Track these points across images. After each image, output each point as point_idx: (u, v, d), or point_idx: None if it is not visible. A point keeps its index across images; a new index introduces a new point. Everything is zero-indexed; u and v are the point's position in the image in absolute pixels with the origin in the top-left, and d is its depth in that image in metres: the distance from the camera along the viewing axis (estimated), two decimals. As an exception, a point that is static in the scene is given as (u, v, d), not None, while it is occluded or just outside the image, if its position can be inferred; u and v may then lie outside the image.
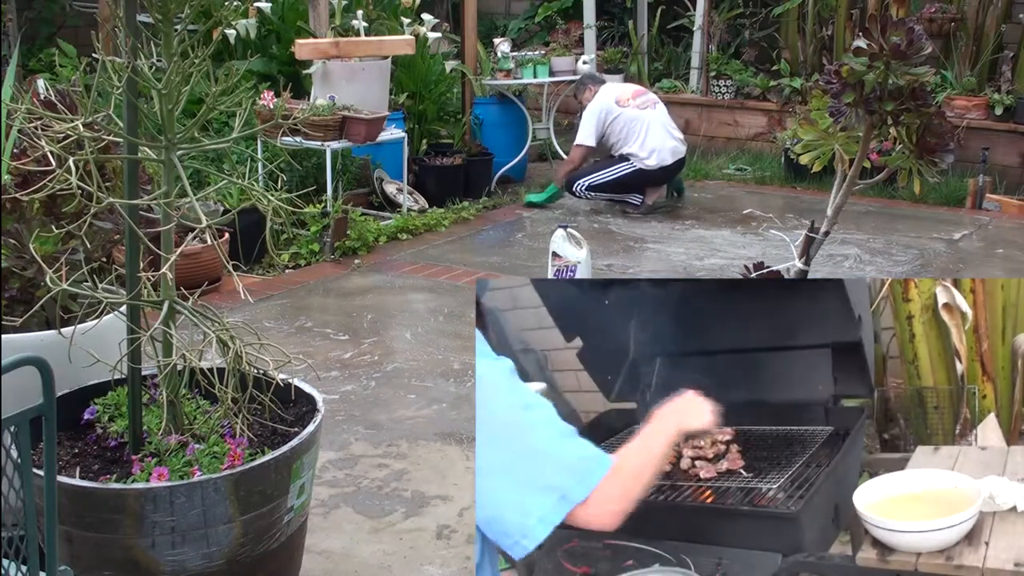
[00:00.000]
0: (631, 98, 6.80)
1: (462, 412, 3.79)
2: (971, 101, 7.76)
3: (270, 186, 4.46)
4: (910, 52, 2.26)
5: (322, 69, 6.18)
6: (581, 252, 4.91)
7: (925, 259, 5.95)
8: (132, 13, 2.15)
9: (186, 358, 2.19)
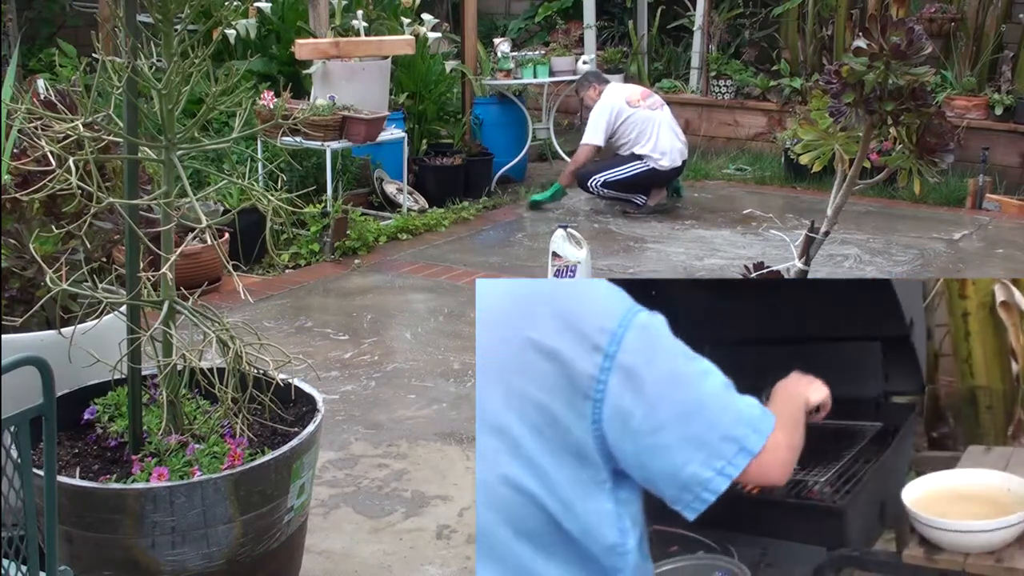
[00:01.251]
0: (641, 99, 6.80)
1: (462, 412, 3.79)
2: (971, 101, 7.76)
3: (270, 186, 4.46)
4: (910, 52, 2.26)
5: (322, 69, 6.19)
6: (581, 252, 4.91)
7: (925, 259, 5.95)
8: (132, 13, 2.15)
9: (186, 358, 2.19)
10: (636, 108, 6.73)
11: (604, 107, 6.76)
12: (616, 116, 6.72)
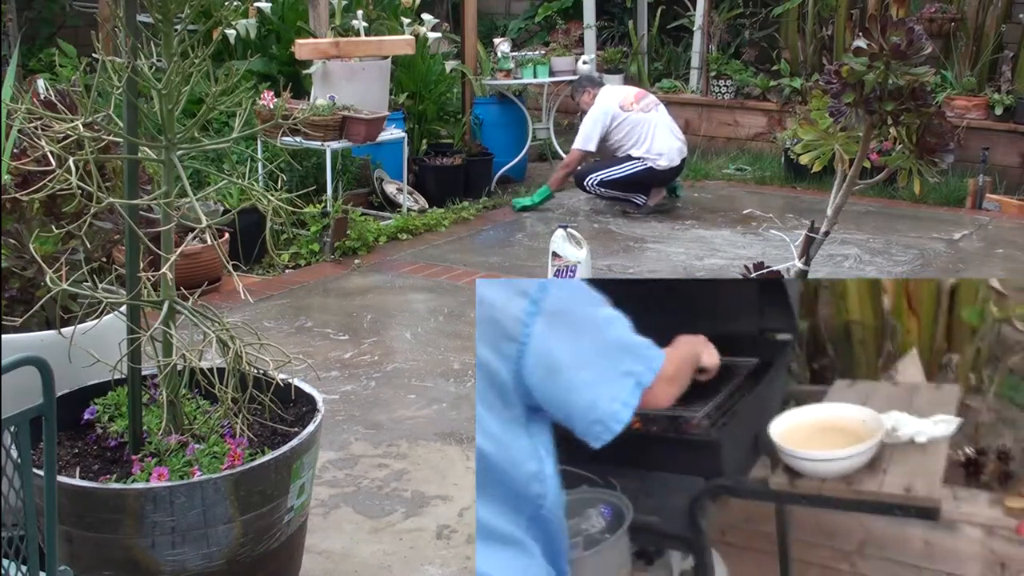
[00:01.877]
0: (634, 101, 6.79)
1: (462, 412, 3.79)
2: (971, 101, 7.76)
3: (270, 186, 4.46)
4: (910, 52, 2.26)
5: (322, 69, 6.19)
6: (581, 252, 4.91)
7: (925, 259, 5.95)
8: (132, 13, 2.15)
9: (186, 358, 2.19)
10: (629, 112, 6.73)
11: (597, 112, 6.74)
12: (610, 120, 6.71)
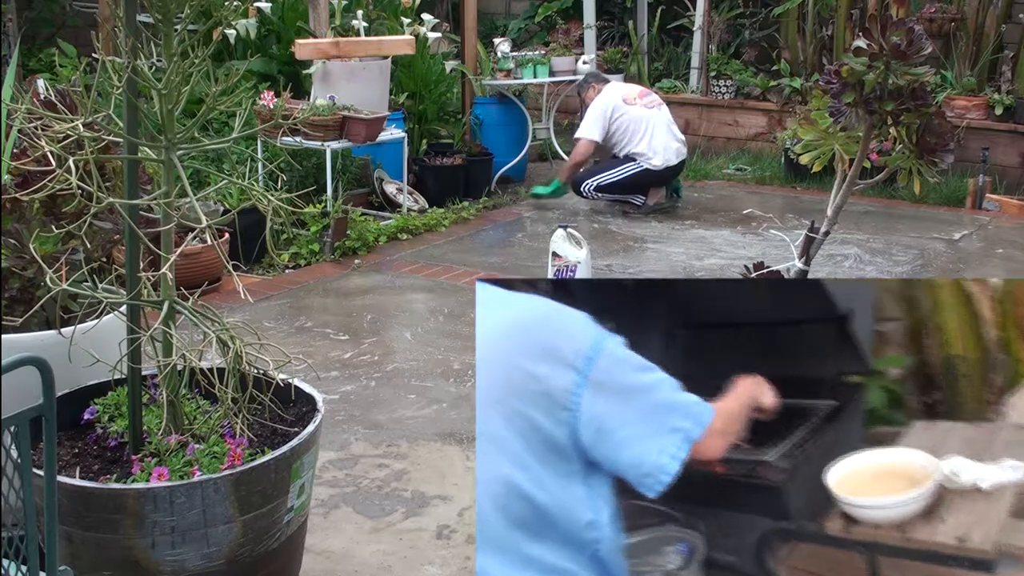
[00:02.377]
0: (638, 97, 6.81)
1: (462, 412, 3.79)
2: (971, 101, 7.76)
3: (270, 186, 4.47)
4: (910, 52, 2.26)
5: (322, 69, 6.19)
6: (581, 252, 4.91)
7: (925, 259, 5.96)
8: (132, 13, 2.15)
9: (186, 358, 2.19)
10: (631, 106, 6.74)
11: (600, 103, 6.77)
12: (612, 112, 6.72)
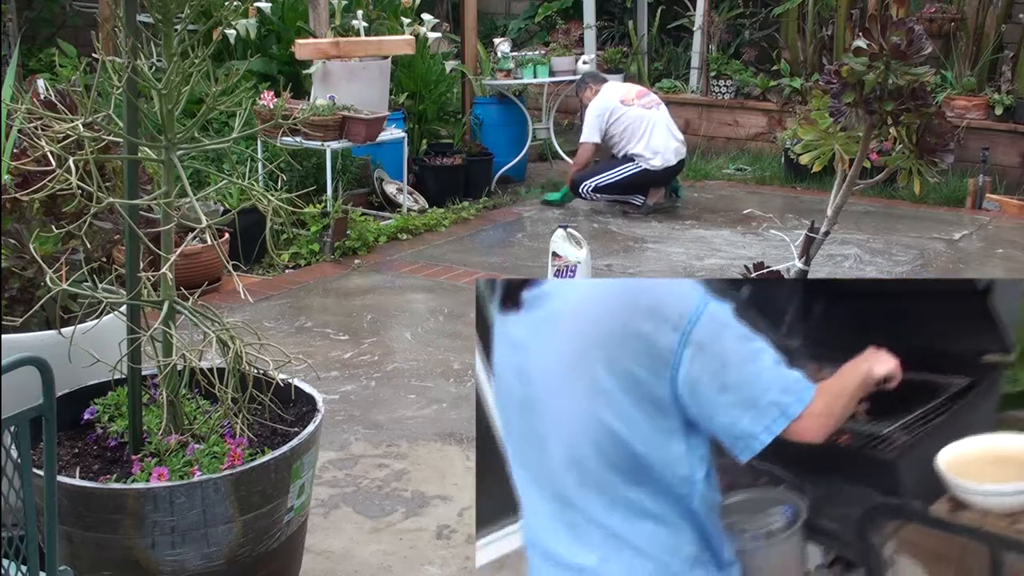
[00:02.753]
0: (635, 97, 6.81)
1: (462, 412, 3.79)
2: (971, 101, 7.76)
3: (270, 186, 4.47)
4: (910, 52, 2.26)
5: (322, 69, 6.18)
6: (581, 252, 4.91)
7: (925, 259, 5.96)
8: (132, 13, 2.15)
9: (186, 358, 2.19)
10: (629, 106, 6.74)
11: (598, 105, 6.77)
12: (610, 114, 6.73)
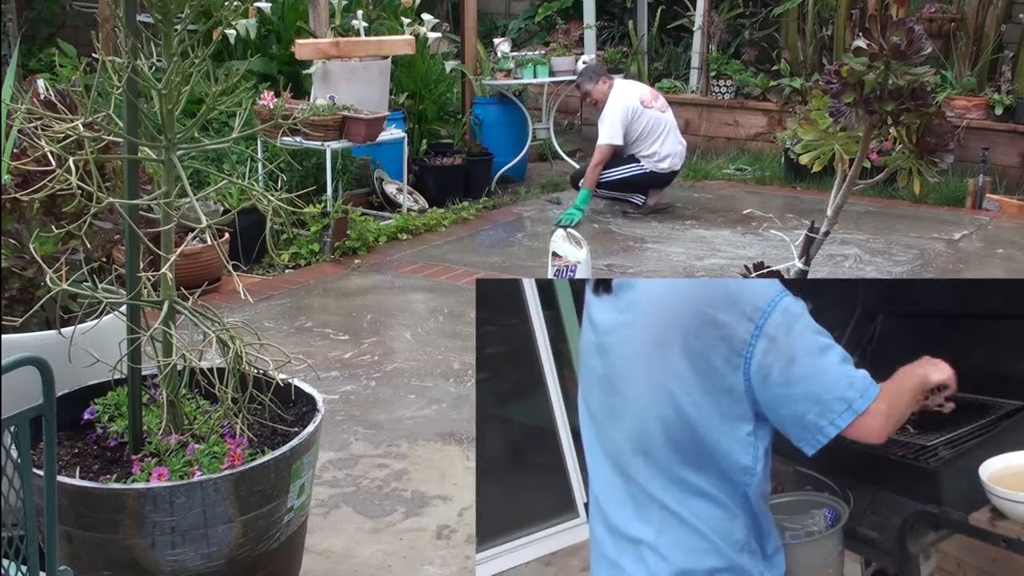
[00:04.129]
0: (652, 99, 6.77)
1: (462, 412, 3.79)
2: (971, 101, 7.76)
3: (270, 186, 4.46)
4: (910, 52, 2.26)
5: (322, 69, 6.19)
6: (581, 252, 4.90)
7: (925, 259, 5.96)
8: (132, 13, 2.15)
9: (186, 358, 2.19)
10: (649, 109, 6.71)
11: (619, 105, 6.64)
12: (633, 114, 6.65)
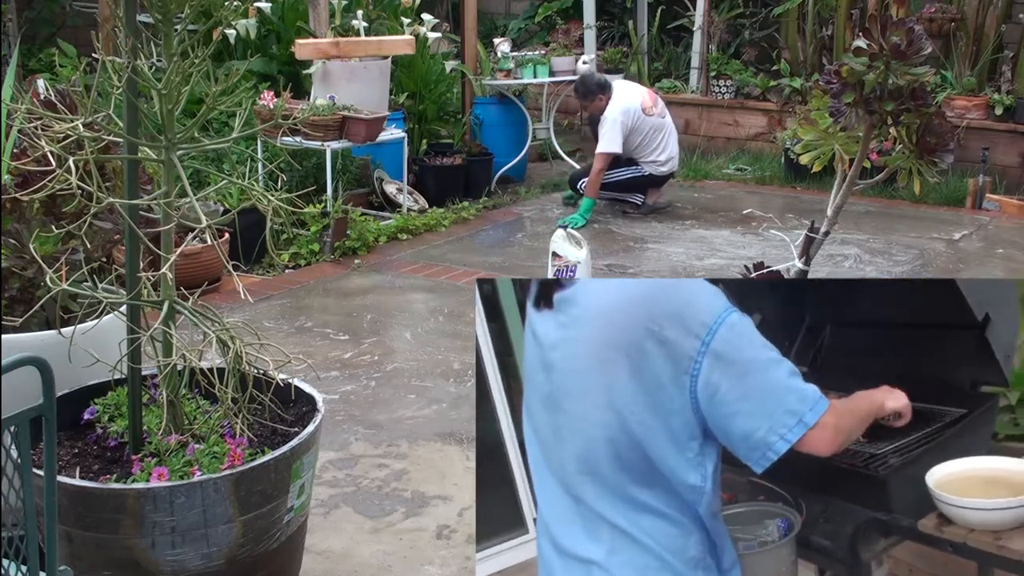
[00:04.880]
0: (652, 104, 6.76)
1: (462, 412, 3.79)
2: (971, 101, 7.76)
3: (270, 186, 4.46)
4: (910, 52, 2.26)
5: (322, 69, 6.19)
6: (581, 252, 4.90)
7: (925, 259, 5.96)
8: (132, 13, 2.15)
9: (186, 358, 2.19)
10: (650, 116, 6.71)
11: (619, 113, 6.61)
12: (634, 121, 6.65)
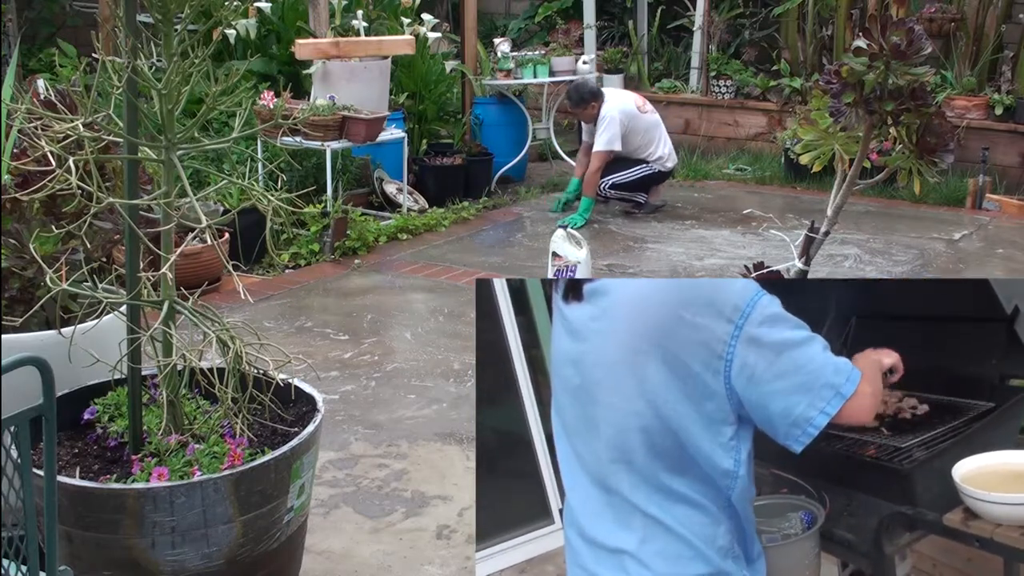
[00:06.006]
0: (643, 104, 6.84)
1: (462, 412, 3.79)
2: (971, 101, 7.76)
3: (270, 186, 4.46)
4: (910, 52, 2.26)
5: (322, 69, 6.19)
6: (581, 252, 4.90)
7: (925, 259, 5.96)
8: (132, 13, 2.15)
9: (186, 358, 2.19)
10: (644, 113, 6.76)
11: (614, 113, 6.64)
12: (629, 121, 6.68)
